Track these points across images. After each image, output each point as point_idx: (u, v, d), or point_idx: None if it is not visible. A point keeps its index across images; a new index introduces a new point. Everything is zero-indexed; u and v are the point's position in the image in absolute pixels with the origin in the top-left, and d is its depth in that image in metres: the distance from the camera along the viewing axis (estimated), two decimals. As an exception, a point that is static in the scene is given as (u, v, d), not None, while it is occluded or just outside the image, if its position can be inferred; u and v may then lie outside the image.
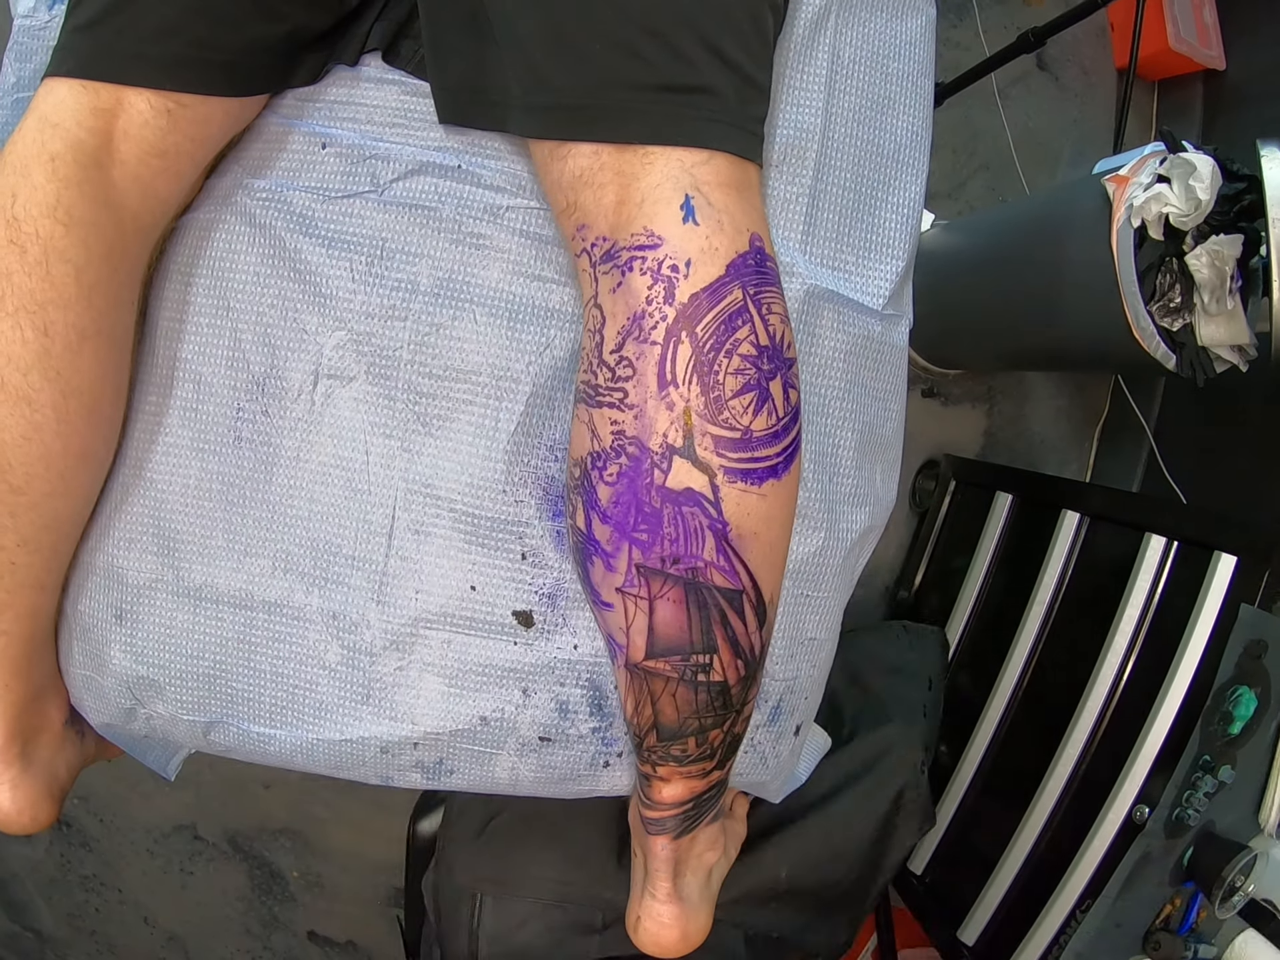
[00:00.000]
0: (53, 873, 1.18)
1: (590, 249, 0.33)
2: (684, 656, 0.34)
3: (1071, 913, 0.75)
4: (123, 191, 0.34)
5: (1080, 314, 0.93)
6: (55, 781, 0.43)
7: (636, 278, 0.31)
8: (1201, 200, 0.80)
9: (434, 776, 0.43)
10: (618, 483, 0.32)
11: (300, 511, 0.40)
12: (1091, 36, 1.38)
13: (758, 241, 0.32)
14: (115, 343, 0.36)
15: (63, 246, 0.32)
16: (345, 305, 0.39)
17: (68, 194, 0.32)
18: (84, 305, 0.33)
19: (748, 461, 0.32)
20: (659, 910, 0.43)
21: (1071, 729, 0.82)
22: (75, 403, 0.34)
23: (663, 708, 0.35)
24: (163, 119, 0.34)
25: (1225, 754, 0.72)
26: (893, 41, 0.42)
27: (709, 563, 0.33)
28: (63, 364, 0.33)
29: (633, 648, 0.35)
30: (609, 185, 0.32)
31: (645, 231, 0.31)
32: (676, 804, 0.40)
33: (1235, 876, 0.70)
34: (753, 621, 0.35)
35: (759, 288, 0.32)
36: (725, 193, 0.32)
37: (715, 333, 0.31)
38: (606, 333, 0.33)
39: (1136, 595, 0.83)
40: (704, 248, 0.31)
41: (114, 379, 0.37)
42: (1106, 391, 1.44)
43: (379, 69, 0.40)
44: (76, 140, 0.33)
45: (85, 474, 0.37)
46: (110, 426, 0.38)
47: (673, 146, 0.32)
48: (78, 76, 0.33)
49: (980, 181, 1.36)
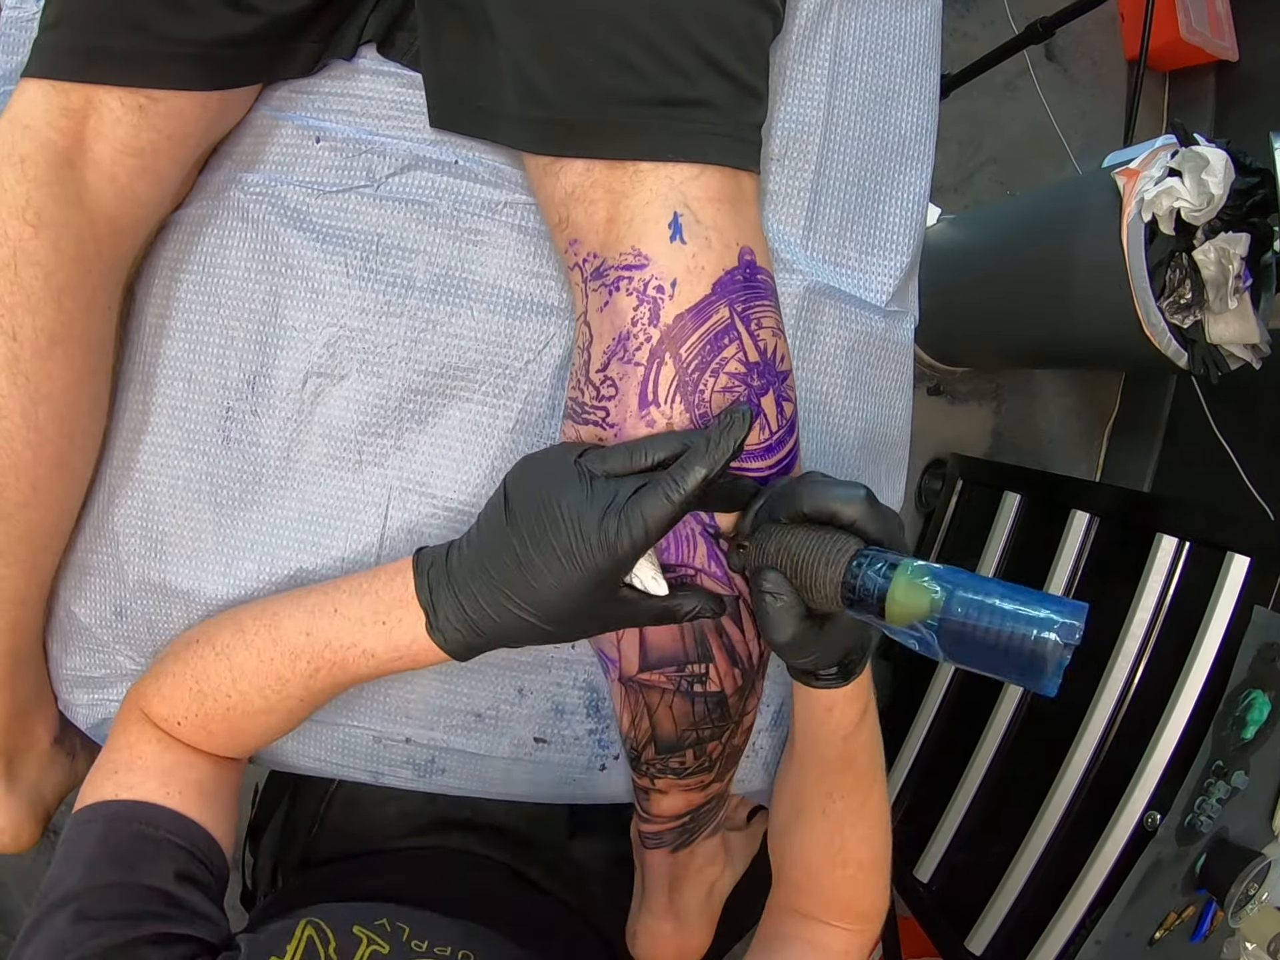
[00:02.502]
0: (40, 882, 1.18)
1: (582, 264, 0.33)
2: (679, 667, 0.34)
3: (1082, 921, 0.74)
4: (96, 193, 0.33)
5: (1089, 310, 0.92)
6: (40, 802, 0.43)
7: (623, 298, 0.31)
8: (1214, 195, 0.79)
9: (425, 774, 0.42)
10: None
11: (290, 513, 0.39)
12: (1101, 27, 1.36)
13: (748, 255, 0.32)
14: (88, 347, 0.35)
15: (31, 249, 0.32)
16: (338, 301, 0.39)
17: (38, 195, 0.32)
18: (53, 309, 0.33)
19: (740, 474, 0.32)
20: (655, 926, 0.43)
21: (1081, 734, 0.81)
22: (46, 409, 0.33)
23: (660, 720, 0.35)
24: (134, 116, 0.33)
25: (1238, 759, 0.71)
26: (897, 32, 0.41)
27: (700, 569, 0.32)
28: (31, 369, 0.32)
29: (625, 661, 0.34)
30: (600, 202, 0.32)
31: (633, 251, 0.31)
32: (674, 817, 0.39)
33: (1249, 884, 0.68)
34: (750, 628, 0.34)
35: (748, 303, 0.32)
36: (716, 208, 0.32)
37: (700, 353, 0.31)
38: (593, 351, 0.32)
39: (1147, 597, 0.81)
40: (690, 267, 0.31)
41: (88, 385, 0.36)
42: (1116, 389, 1.42)
43: (374, 61, 0.39)
44: (47, 141, 0.32)
45: (60, 484, 0.36)
46: (86, 436, 0.37)
47: (663, 163, 0.31)
48: (47, 76, 0.32)
49: (987, 175, 1.35)
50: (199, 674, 0.35)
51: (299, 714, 0.36)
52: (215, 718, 0.35)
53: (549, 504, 0.29)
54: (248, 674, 0.34)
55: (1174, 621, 0.79)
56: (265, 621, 0.34)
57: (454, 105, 0.37)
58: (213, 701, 0.34)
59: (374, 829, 0.49)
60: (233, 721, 0.35)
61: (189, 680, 0.35)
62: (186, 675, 0.35)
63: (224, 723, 0.35)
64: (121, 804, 0.34)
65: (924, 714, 1.05)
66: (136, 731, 0.36)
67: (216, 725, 0.35)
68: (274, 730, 0.36)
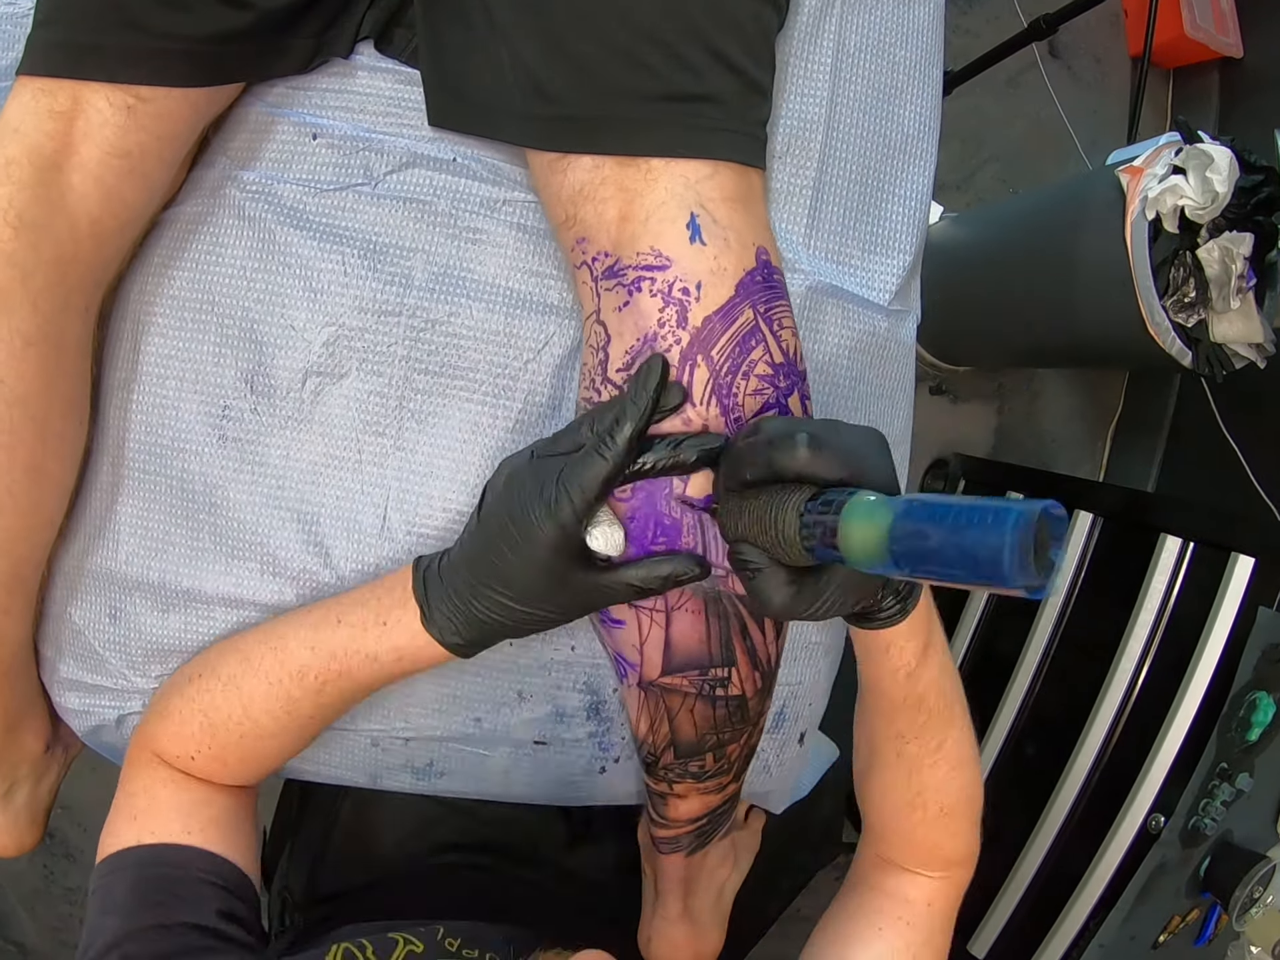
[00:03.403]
0: (36, 884, 1.12)
1: (591, 263, 0.33)
2: (702, 671, 0.33)
3: (1085, 925, 0.73)
4: (81, 195, 0.33)
5: (1093, 309, 0.92)
6: (38, 806, 0.43)
7: (646, 299, 0.31)
8: (1218, 192, 0.78)
9: (424, 778, 0.42)
10: (633, 498, 0.32)
11: (289, 513, 0.39)
12: (1105, 23, 1.36)
13: (764, 255, 0.32)
14: (63, 350, 0.35)
15: (10, 250, 0.31)
16: (337, 300, 0.38)
17: (20, 197, 0.32)
18: (29, 310, 0.32)
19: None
20: (670, 931, 0.43)
21: (1085, 736, 0.81)
22: (19, 411, 0.33)
23: (680, 724, 0.35)
24: (122, 117, 0.33)
25: (1243, 761, 0.70)
26: (900, 28, 0.41)
27: (730, 570, 0.32)
28: (5, 371, 0.32)
29: (648, 664, 0.34)
30: (611, 200, 0.31)
31: (653, 251, 0.31)
32: (691, 820, 0.39)
33: (1254, 888, 0.68)
34: (770, 631, 0.34)
35: (769, 304, 0.32)
36: (730, 208, 0.31)
37: (731, 355, 0.31)
38: (612, 350, 0.32)
39: (1151, 598, 0.81)
40: (713, 269, 0.31)
41: (62, 387, 0.36)
42: (1120, 388, 1.41)
43: (371, 57, 0.39)
44: (34, 144, 0.32)
45: (37, 490, 0.36)
46: (62, 440, 0.37)
47: (675, 159, 0.31)
48: (37, 74, 0.32)
49: (990, 173, 1.34)
50: (208, 707, 0.35)
51: (310, 732, 0.36)
52: (229, 747, 0.35)
53: (508, 491, 0.31)
54: (257, 699, 0.34)
55: (1178, 623, 0.79)
56: (271, 645, 0.34)
57: (453, 102, 0.37)
58: (225, 732, 0.35)
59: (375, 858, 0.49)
60: (246, 749, 0.35)
61: (198, 715, 0.35)
62: (195, 710, 0.35)
63: (238, 751, 0.35)
64: (146, 849, 0.34)
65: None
66: (149, 774, 0.36)
67: (230, 755, 0.35)
68: (287, 751, 0.36)
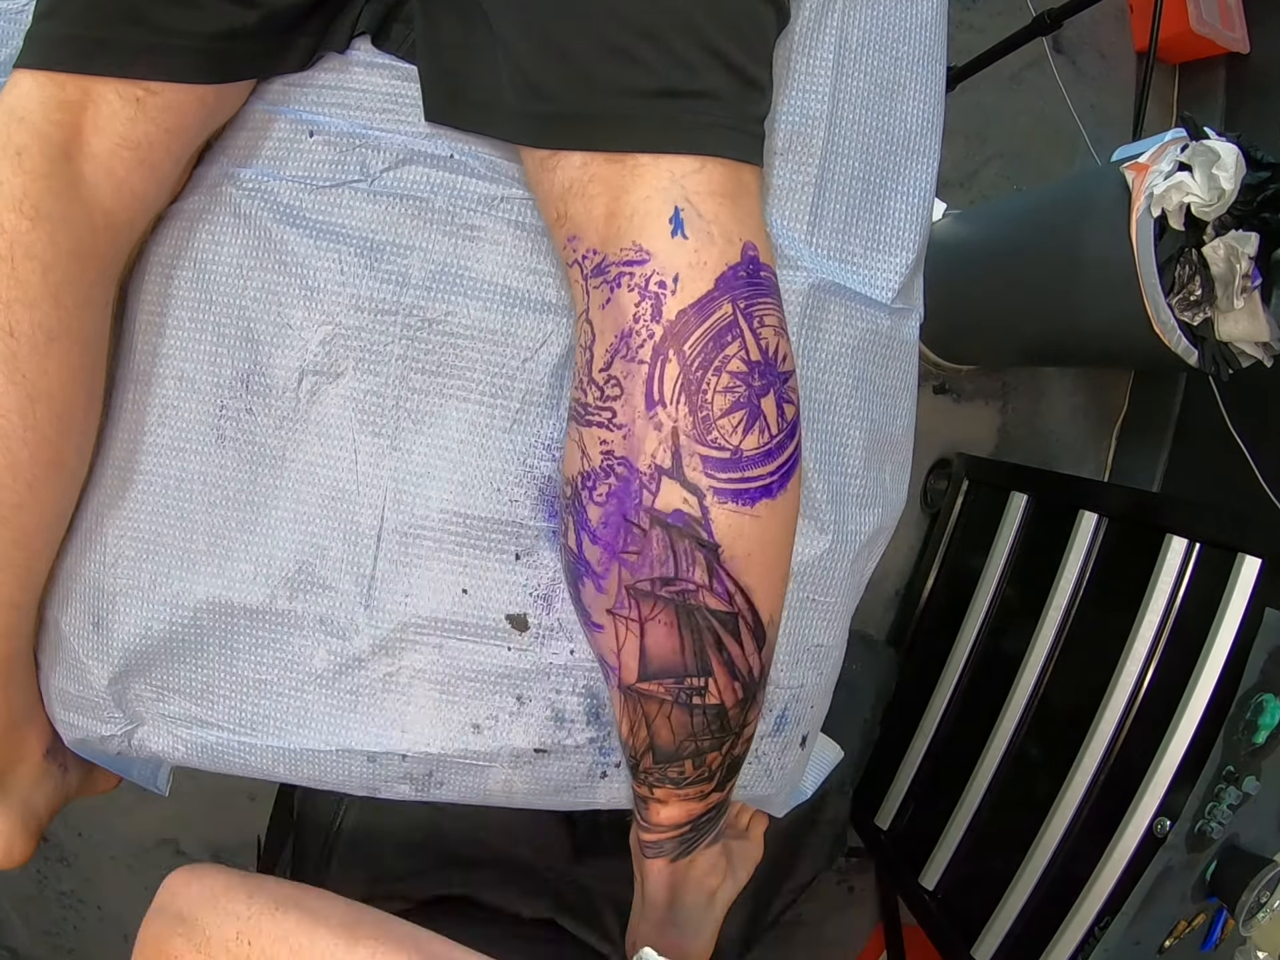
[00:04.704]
0: (29, 889, 1.11)
1: (581, 261, 0.32)
2: (677, 680, 0.33)
3: (1090, 930, 0.73)
4: (94, 186, 0.33)
5: (1098, 307, 0.91)
6: (33, 816, 0.42)
7: (624, 294, 0.30)
8: (1225, 189, 0.78)
9: (423, 788, 0.41)
10: (607, 503, 0.31)
11: (285, 513, 0.38)
12: (1110, 18, 1.35)
13: (751, 251, 0.31)
14: (85, 344, 0.35)
15: (29, 242, 0.31)
16: (333, 298, 0.38)
17: (35, 188, 0.31)
18: (51, 304, 0.32)
19: (738, 482, 0.31)
20: (654, 936, 0.42)
21: (1089, 739, 0.80)
22: (43, 408, 0.33)
23: (658, 730, 0.34)
24: (131, 108, 0.33)
25: (1250, 764, 0.70)
26: (903, 24, 0.41)
27: (701, 585, 0.31)
28: (29, 366, 0.32)
29: (625, 670, 0.34)
30: (599, 197, 0.31)
31: (634, 246, 0.30)
32: (673, 826, 0.38)
33: (1260, 892, 0.67)
34: (750, 644, 0.33)
35: (751, 300, 0.31)
36: (717, 202, 0.31)
37: (703, 350, 0.30)
38: (596, 350, 0.32)
39: (1157, 599, 0.80)
40: (692, 262, 0.30)
41: (85, 383, 0.36)
42: (1125, 388, 1.41)
43: (368, 53, 0.39)
44: (43, 134, 0.32)
45: (56, 484, 0.36)
46: (82, 434, 0.37)
47: (662, 155, 0.30)
48: (43, 68, 0.32)
49: (994, 170, 1.33)
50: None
51: None
52: None
53: None
54: None
55: (1184, 624, 0.78)
56: None
57: (449, 98, 0.36)
58: None
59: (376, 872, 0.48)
60: None
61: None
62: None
63: None
64: None
65: (929, 718, 1.05)
66: None
67: None
68: None
